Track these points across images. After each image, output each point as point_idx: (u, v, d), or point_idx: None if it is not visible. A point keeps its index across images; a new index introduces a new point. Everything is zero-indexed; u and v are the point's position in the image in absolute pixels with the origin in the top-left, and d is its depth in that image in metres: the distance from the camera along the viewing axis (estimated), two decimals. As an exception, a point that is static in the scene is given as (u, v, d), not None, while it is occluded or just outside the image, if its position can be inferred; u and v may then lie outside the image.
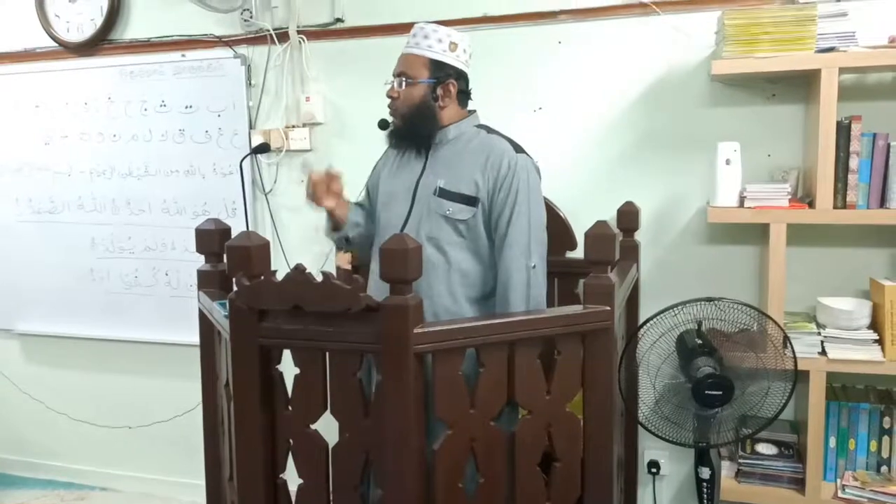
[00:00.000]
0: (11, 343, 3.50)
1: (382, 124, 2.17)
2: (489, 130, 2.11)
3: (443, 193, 2.02)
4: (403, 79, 2.05)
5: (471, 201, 2.00)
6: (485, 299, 2.05)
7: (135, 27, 3.11)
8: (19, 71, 3.27)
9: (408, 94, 2.04)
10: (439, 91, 2.05)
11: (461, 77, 2.09)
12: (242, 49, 2.97)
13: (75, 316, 3.30)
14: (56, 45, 3.20)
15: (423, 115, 2.05)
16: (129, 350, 3.27)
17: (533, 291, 1.98)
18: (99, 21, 3.11)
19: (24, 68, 3.26)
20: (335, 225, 2.21)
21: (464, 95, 2.12)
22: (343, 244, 2.29)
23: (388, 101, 2.09)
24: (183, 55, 3.03)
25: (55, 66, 3.21)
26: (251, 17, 2.90)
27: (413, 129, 2.07)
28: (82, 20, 3.15)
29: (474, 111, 2.16)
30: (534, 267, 1.98)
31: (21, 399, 3.51)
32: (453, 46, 2.06)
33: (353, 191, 2.35)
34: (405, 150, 2.14)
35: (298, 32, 2.86)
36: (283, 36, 2.88)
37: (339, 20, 2.83)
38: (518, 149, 2.06)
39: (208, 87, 2.99)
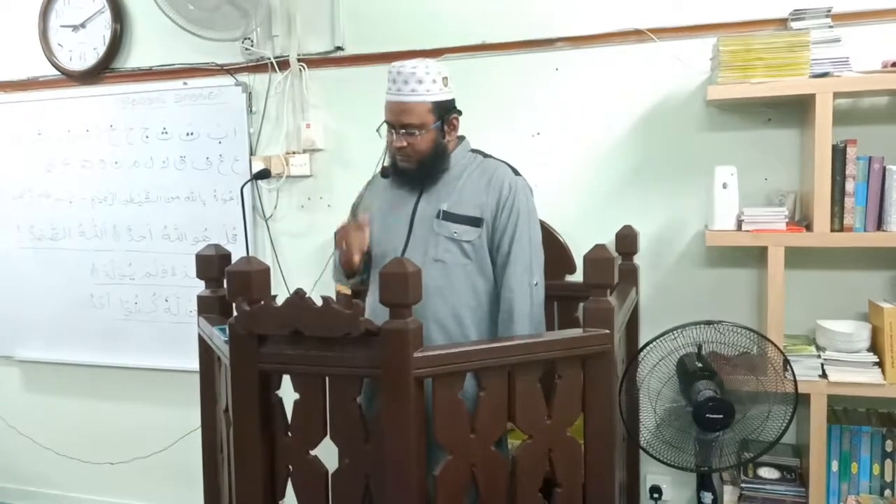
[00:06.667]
0: (11, 370, 3.49)
1: (384, 173, 2.15)
2: (484, 155, 2.14)
3: (447, 216, 2.03)
4: (415, 131, 1.99)
5: (476, 222, 2.03)
6: (490, 318, 2.06)
7: (137, 56, 3.14)
8: (22, 99, 3.30)
9: (421, 142, 2.01)
10: (446, 128, 2.06)
11: (455, 106, 2.10)
12: (243, 77, 3.00)
13: (75, 342, 3.30)
14: (59, 73, 3.23)
15: (438, 158, 2.06)
16: (129, 376, 3.26)
17: (535, 310, 2.02)
18: (101, 50, 3.15)
19: (27, 96, 3.29)
20: (349, 273, 2.17)
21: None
22: (344, 280, 2.27)
23: (397, 150, 2.03)
24: (185, 83, 3.06)
25: (58, 95, 3.24)
26: (252, 46, 2.94)
27: (429, 172, 2.07)
28: (85, 49, 3.19)
29: (464, 136, 2.16)
30: (535, 284, 2.03)
31: (19, 427, 3.49)
32: (445, 81, 2.04)
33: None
34: (404, 185, 2.11)
35: (299, 60, 2.89)
36: (283, 64, 2.91)
37: (339, 48, 2.87)
38: (515, 171, 2.11)
39: (209, 114, 3.02)
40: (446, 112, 2.05)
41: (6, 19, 3.30)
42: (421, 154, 2.03)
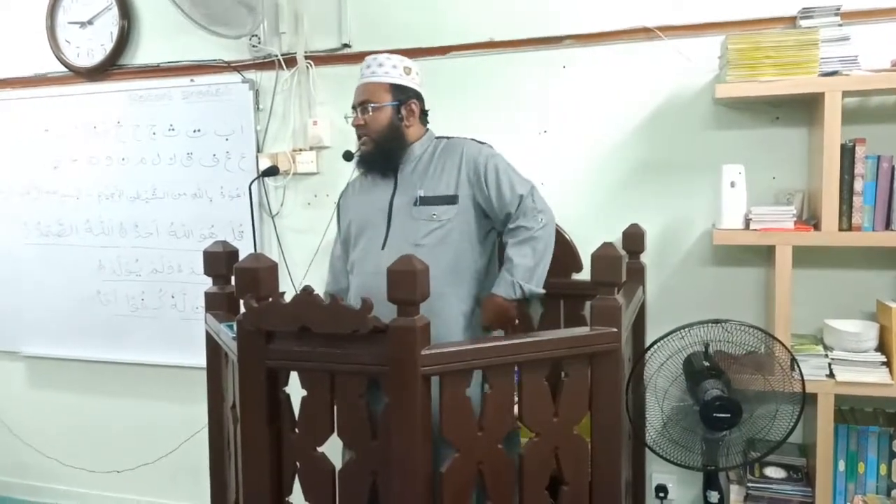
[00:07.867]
0: (17, 365, 3.50)
1: (347, 156, 2.31)
2: (448, 137, 2.24)
3: (424, 201, 2.12)
4: (369, 106, 2.14)
5: (451, 200, 2.11)
6: (475, 293, 2.12)
7: (144, 53, 3.15)
8: (30, 95, 3.30)
9: (375, 119, 2.15)
10: (403, 112, 2.17)
11: (419, 97, 2.22)
12: (251, 74, 3.00)
13: (82, 338, 3.31)
14: (66, 70, 3.24)
15: (392, 137, 2.16)
16: (135, 372, 3.26)
17: (543, 241, 2.09)
18: (109, 47, 3.15)
19: (35, 93, 3.30)
20: None
21: (424, 115, 2.25)
22: None
23: (356, 130, 2.19)
24: (192, 80, 3.06)
25: (65, 91, 3.25)
26: (259, 43, 2.94)
27: (385, 152, 2.17)
28: (93, 46, 3.19)
29: (429, 129, 2.28)
30: (545, 225, 2.10)
31: (25, 421, 3.50)
32: (407, 70, 2.20)
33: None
34: (373, 174, 2.22)
35: (306, 57, 2.89)
36: (290, 61, 2.91)
37: (346, 45, 2.87)
38: (480, 142, 2.22)
39: (216, 111, 3.02)
40: (405, 97, 2.16)
41: (14, 16, 3.31)
42: (375, 132, 2.14)
